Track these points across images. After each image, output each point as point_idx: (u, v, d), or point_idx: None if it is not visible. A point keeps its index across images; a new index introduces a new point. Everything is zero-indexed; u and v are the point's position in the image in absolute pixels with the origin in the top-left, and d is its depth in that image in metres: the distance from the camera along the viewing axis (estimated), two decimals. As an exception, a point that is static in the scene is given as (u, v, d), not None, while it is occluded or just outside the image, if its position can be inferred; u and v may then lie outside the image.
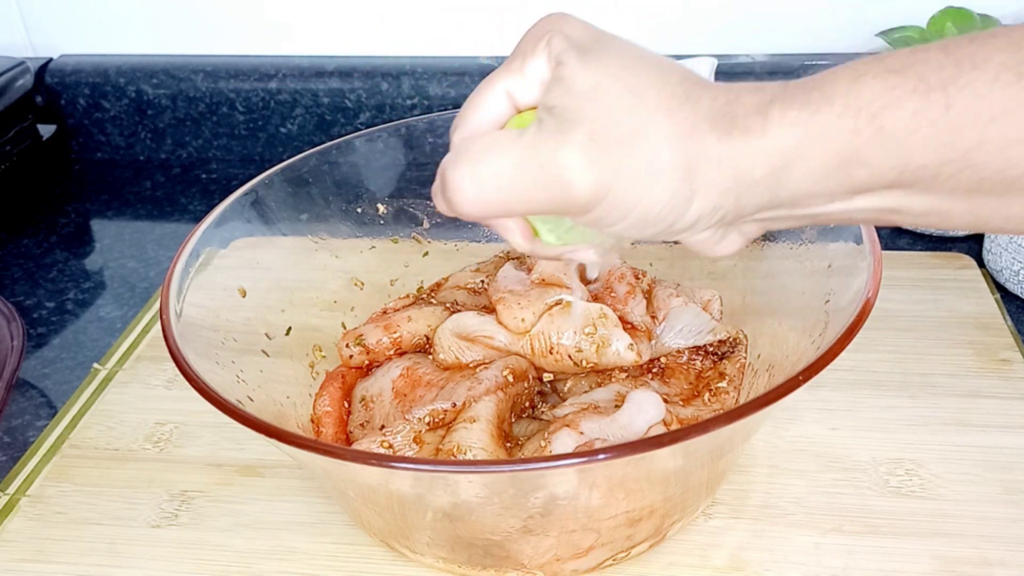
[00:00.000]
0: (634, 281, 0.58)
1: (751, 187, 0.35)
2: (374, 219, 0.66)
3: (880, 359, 0.64)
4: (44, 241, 0.88)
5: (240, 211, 0.59)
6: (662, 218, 0.36)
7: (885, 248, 0.77)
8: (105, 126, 1.00)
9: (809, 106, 0.34)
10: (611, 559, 0.50)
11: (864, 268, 0.48)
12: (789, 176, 0.35)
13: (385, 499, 0.47)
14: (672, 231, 0.37)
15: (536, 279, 0.58)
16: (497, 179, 0.37)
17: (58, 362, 0.72)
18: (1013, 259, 0.70)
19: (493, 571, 0.50)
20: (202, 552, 0.54)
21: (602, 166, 0.35)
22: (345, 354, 0.60)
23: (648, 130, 0.35)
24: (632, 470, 0.44)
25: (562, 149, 0.35)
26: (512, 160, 0.36)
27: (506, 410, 0.52)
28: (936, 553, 0.51)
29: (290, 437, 0.43)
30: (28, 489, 0.59)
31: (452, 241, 0.69)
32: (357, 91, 0.94)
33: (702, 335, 0.58)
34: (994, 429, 0.59)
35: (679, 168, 0.35)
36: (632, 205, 0.36)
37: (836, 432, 0.59)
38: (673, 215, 0.36)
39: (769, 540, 0.53)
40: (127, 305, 0.78)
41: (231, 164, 0.99)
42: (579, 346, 0.54)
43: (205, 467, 0.60)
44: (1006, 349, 0.65)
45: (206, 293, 0.55)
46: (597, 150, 0.35)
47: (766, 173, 0.35)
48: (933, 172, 0.33)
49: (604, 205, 0.36)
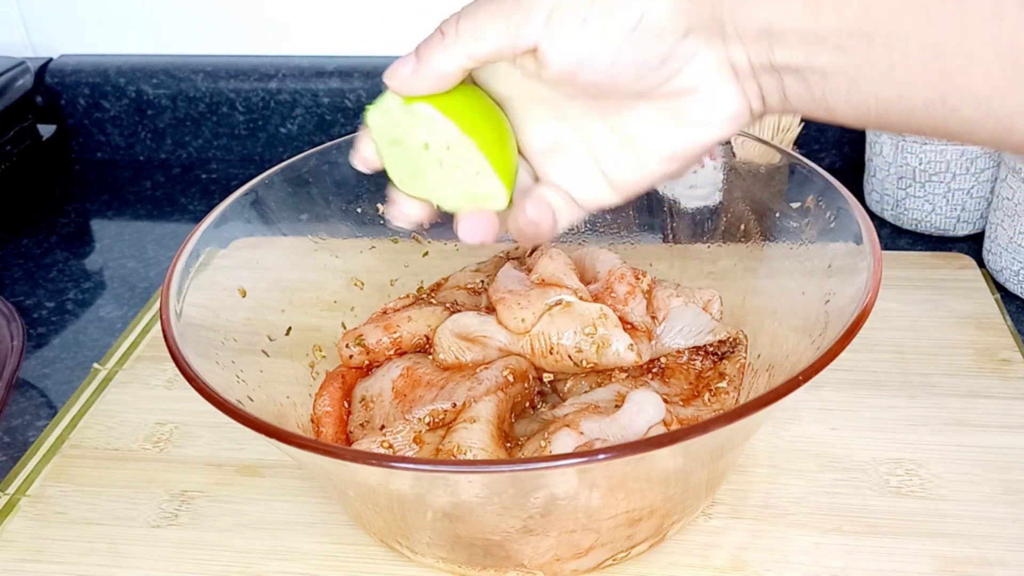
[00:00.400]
0: (634, 281, 0.58)
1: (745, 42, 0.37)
2: (374, 219, 0.66)
3: (880, 359, 0.64)
4: (44, 241, 0.88)
5: (240, 211, 0.59)
6: (647, 30, 0.38)
7: (885, 248, 0.77)
8: (105, 126, 1.00)
9: None
10: (611, 559, 0.50)
11: (864, 268, 0.48)
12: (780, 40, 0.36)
13: (385, 499, 0.47)
14: (660, 51, 0.38)
15: (536, 279, 0.58)
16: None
17: (58, 362, 0.72)
18: (1013, 259, 0.70)
19: (493, 571, 0.50)
20: (202, 552, 0.54)
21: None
22: (345, 354, 0.60)
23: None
24: (632, 470, 0.45)
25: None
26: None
27: (506, 410, 0.52)
28: (936, 553, 0.51)
29: (290, 437, 0.43)
30: (28, 489, 0.59)
31: (452, 241, 0.69)
32: (357, 91, 0.94)
33: (702, 335, 0.58)
34: (994, 429, 0.59)
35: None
36: (612, 20, 0.38)
37: (836, 432, 0.59)
38: (655, 25, 0.37)
39: (769, 540, 0.53)
40: (127, 305, 0.78)
41: (231, 164, 0.99)
42: (579, 346, 0.54)
43: (205, 467, 0.60)
44: (1006, 349, 0.65)
45: (206, 293, 0.55)
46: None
47: (757, 32, 0.36)
48: (893, 14, 0.34)
49: (581, 25, 0.38)
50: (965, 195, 0.76)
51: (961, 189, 0.76)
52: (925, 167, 0.76)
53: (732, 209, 0.63)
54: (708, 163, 0.64)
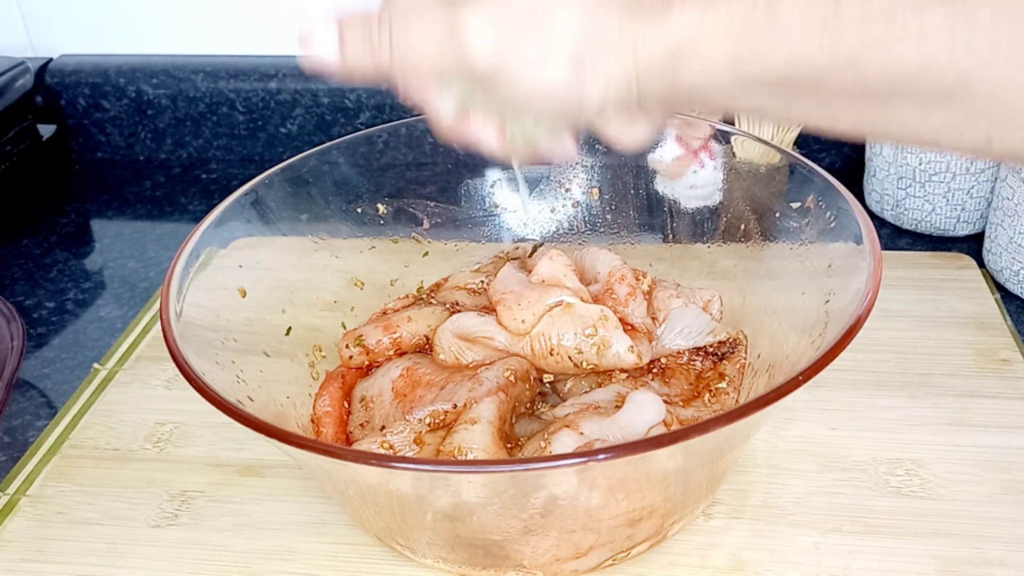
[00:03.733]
0: (635, 282, 0.58)
1: (650, 71, 0.37)
2: (374, 219, 0.67)
3: (880, 359, 0.64)
4: (44, 241, 0.88)
5: (240, 211, 0.59)
6: (564, 93, 0.39)
7: (885, 248, 0.77)
8: (105, 126, 1.00)
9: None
10: (611, 559, 0.50)
11: (864, 268, 0.48)
12: (687, 65, 0.37)
13: (385, 499, 0.47)
14: (580, 110, 0.40)
15: (536, 280, 0.58)
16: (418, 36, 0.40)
17: (58, 362, 0.72)
18: (1013, 259, 0.70)
19: (493, 571, 0.50)
20: (202, 552, 0.54)
21: (501, 30, 0.38)
22: (345, 354, 0.60)
23: (553, 5, 0.38)
24: (632, 470, 0.45)
25: (467, 10, 0.39)
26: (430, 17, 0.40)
27: (507, 411, 0.52)
28: (936, 553, 0.51)
29: (290, 437, 0.43)
30: (28, 489, 0.59)
31: (452, 241, 0.69)
32: (357, 91, 0.94)
33: (702, 336, 0.58)
34: (994, 429, 0.59)
35: (580, 42, 0.38)
36: (533, 76, 0.39)
37: (836, 432, 0.59)
38: (575, 90, 0.39)
39: (769, 540, 0.53)
40: (127, 305, 0.78)
41: (231, 164, 0.99)
42: (580, 348, 0.54)
43: (205, 467, 0.60)
44: (1006, 349, 0.65)
45: (206, 293, 0.55)
46: (499, 17, 0.38)
47: (664, 56, 0.37)
48: (820, 68, 0.34)
49: (505, 71, 0.39)
50: (965, 195, 0.76)
51: (961, 189, 0.76)
52: (925, 167, 0.76)
53: (732, 209, 0.63)
54: (708, 163, 0.64)
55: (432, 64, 0.41)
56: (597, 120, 0.41)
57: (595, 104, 0.39)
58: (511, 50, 0.38)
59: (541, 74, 0.38)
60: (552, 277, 0.58)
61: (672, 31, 0.36)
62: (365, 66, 0.42)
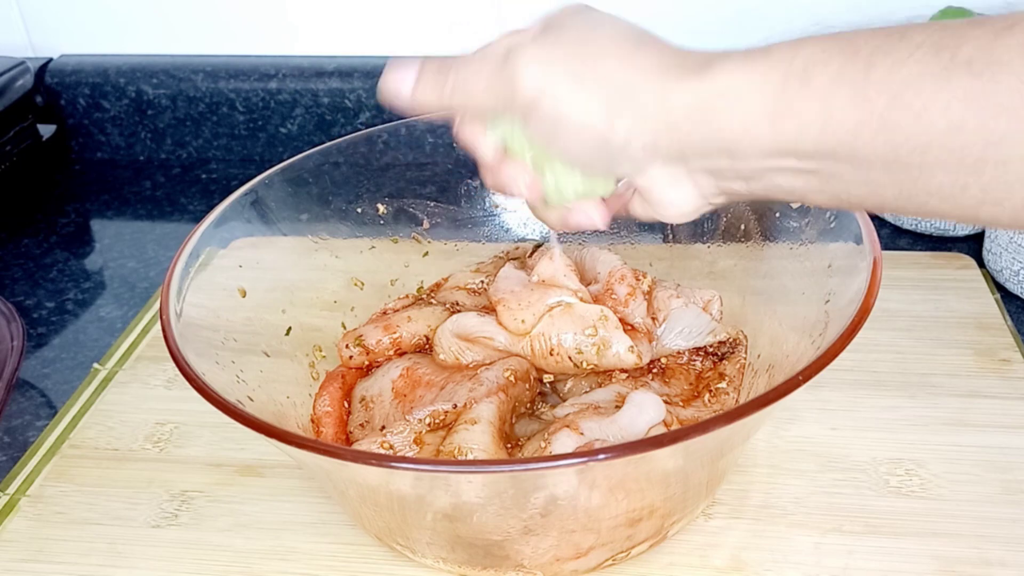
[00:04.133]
0: (635, 283, 0.58)
1: (683, 122, 0.38)
2: (374, 219, 0.67)
3: (880, 359, 0.64)
4: (44, 241, 0.88)
5: (240, 211, 0.59)
6: (598, 132, 0.40)
7: (885, 248, 0.77)
8: (105, 126, 1.00)
9: (749, 58, 0.37)
10: (611, 559, 0.50)
11: (864, 268, 0.48)
12: (721, 118, 0.37)
13: (385, 500, 0.47)
14: (613, 156, 0.40)
15: (536, 280, 0.58)
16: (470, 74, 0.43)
17: (58, 362, 0.72)
18: (1013, 259, 0.70)
19: (493, 571, 0.50)
20: (202, 552, 0.54)
21: (548, 67, 0.40)
22: (345, 354, 0.60)
23: (598, 50, 0.40)
24: (632, 470, 0.45)
25: (521, 49, 0.41)
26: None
27: (507, 411, 0.52)
28: (936, 553, 0.51)
29: (290, 437, 0.43)
30: (28, 489, 0.59)
31: (452, 241, 0.69)
32: (357, 91, 0.94)
33: (702, 336, 0.58)
34: (994, 429, 0.59)
35: (615, 88, 0.39)
36: (570, 111, 0.40)
37: (836, 432, 0.59)
38: (607, 130, 0.39)
39: (769, 540, 0.53)
40: (127, 305, 0.78)
41: (231, 164, 0.99)
42: (580, 348, 0.54)
43: (205, 467, 0.60)
44: (1006, 349, 0.65)
45: (206, 293, 0.55)
46: (549, 56, 0.40)
47: (697, 108, 0.38)
48: (853, 131, 0.35)
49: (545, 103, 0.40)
50: (965, 195, 0.76)
51: (961, 189, 0.76)
52: (925, 167, 0.76)
53: (732, 209, 0.63)
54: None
55: (482, 101, 0.43)
56: (638, 177, 0.42)
57: (626, 147, 0.40)
58: (554, 84, 0.40)
59: (577, 108, 0.40)
60: (552, 277, 0.58)
61: (712, 83, 0.37)
62: (431, 103, 0.44)
